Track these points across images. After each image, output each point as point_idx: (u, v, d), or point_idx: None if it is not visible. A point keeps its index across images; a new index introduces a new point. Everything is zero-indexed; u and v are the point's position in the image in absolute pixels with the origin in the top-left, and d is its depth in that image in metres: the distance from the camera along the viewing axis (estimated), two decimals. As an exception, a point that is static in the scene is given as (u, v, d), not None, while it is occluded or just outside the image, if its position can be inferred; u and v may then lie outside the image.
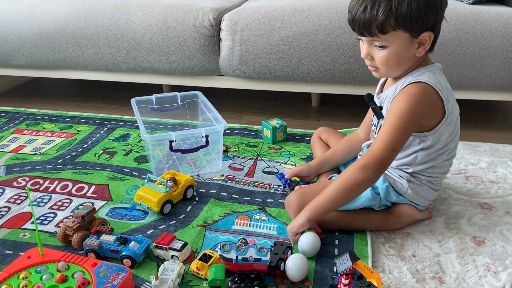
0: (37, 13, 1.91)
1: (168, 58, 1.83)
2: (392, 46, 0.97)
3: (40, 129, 1.76)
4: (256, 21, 1.70)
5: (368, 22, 0.94)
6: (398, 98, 1.01)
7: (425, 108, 1.00)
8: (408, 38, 0.96)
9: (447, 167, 1.12)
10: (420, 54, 0.99)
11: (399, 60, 0.99)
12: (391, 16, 0.92)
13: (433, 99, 1.00)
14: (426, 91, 0.99)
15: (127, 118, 1.86)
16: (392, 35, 0.95)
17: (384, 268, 0.99)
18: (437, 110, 1.02)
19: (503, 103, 2.04)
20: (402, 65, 1.01)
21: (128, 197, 1.28)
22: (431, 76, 1.00)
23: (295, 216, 1.10)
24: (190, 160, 1.49)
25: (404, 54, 0.98)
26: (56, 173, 1.40)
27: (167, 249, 1.00)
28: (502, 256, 1.02)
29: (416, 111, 0.98)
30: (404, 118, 0.98)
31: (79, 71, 2.00)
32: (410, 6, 0.91)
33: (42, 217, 1.19)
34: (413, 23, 0.93)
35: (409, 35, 0.95)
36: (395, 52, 0.97)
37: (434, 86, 0.99)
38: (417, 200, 1.11)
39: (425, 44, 0.97)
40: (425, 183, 1.10)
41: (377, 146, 0.99)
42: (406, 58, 1.00)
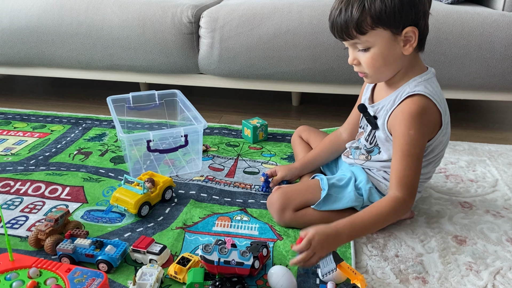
0: (8, 7, 1.84)
1: (146, 56, 1.78)
2: (375, 46, 0.94)
3: (11, 128, 1.69)
4: (236, 18, 1.68)
5: (345, 25, 0.92)
6: (404, 123, 0.96)
7: (429, 126, 0.99)
8: (390, 36, 0.93)
9: (430, 174, 1.12)
10: (407, 52, 0.95)
11: (385, 60, 0.96)
12: (366, 14, 0.90)
13: (433, 115, 0.98)
14: (424, 107, 0.96)
15: (103, 117, 1.81)
16: (372, 35, 0.92)
17: (367, 269, 0.98)
18: (437, 123, 1.00)
19: (481, 103, 2.07)
20: (390, 66, 0.98)
21: (104, 199, 1.23)
22: (428, 87, 0.97)
23: (278, 216, 1.09)
24: (168, 160, 1.45)
25: (390, 53, 0.95)
26: (28, 175, 1.34)
27: (145, 252, 0.97)
28: (484, 255, 1.03)
29: (423, 132, 0.98)
30: (417, 144, 0.97)
31: (52, 69, 1.94)
32: (383, 2, 0.89)
33: (12, 220, 1.13)
34: (390, 19, 0.90)
35: (390, 33, 0.92)
36: (379, 52, 0.94)
37: (433, 99, 0.97)
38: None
39: (411, 40, 0.93)
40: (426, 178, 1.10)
41: (406, 180, 0.96)
42: (393, 58, 0.96)
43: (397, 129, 0.99)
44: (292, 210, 1.09)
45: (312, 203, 1.09)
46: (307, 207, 1.10)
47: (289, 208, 1.09)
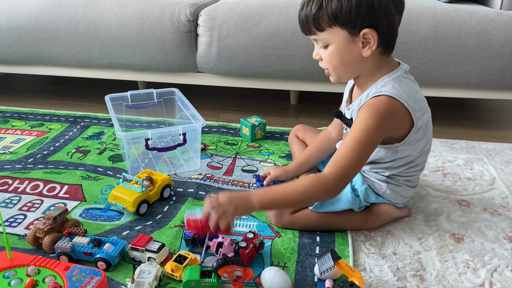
0: (5, 6, 1.83)
1: (144, 54, 1.78)
2: (332, 44, 0.95)
3: (9, 127, 1.69)
4: (234, 16, 1.68)
5: (306, 20, 0.96)
6: (365, 112, 0.96)
7: (390, 124, 0.97)
8: (347, 36, 0.93)
9: (422, 164, 1.12)
10: (366, 55, 0.94)
11: (342, 60, 0.96)
12: (324, 12, 0.92)
13: (399, 113, 0.97)
14: (391, 107, 0.95)
15: (101, 115, 1.81)
16: (329, 32, 0.94)
17: (365, 266, 0.98)
18: (404, 121, 0.99)
19: (478, 101, 2.07)
20: (348, 66, 0.98)
21: (102, 197, 1.23)
22: (396, 87, 0.96)
23: (276, 219, 1.10)
24: (167, 158, 1.45)
25: (347, 53, 0.95)
26: (26, 173, 1.34)
27: (144, 250, 0.97)
28: (481, 252, 1.03)
29: (382, 128, 0.96)
30: (370, 135, 0.94)
31: (50, 67, 1.94)
32: (340, 2, 0.90)
33: (10, 219, 1.13)
34: (346, 18, 0.91)
35: (347, 33, 0.93)
36: (337, 50, 0.95)
37: (398, 98, 0.95)
38: (396, 199, 1.11)
39: (371, 43, 0.93)
40: (403, 182, 1.10)
41: (341, 162, 0.94)
42: (352, 59, 0.96)
43: (357, 118, 0.98)
44: (289, 213, 1.09)
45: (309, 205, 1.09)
46: (305, 209, 1.09)
47: (287, 211, 1.09)
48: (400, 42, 1.58)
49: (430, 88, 1.70)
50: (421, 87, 1.70)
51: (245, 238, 0.99)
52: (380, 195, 1.10)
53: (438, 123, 1.80)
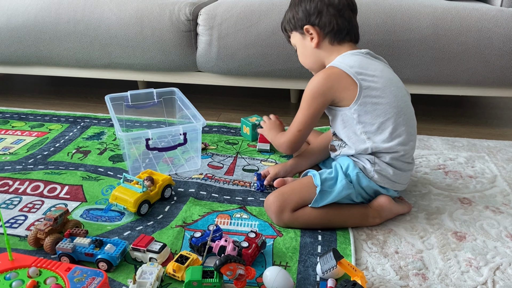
0: (5, 6, 1.83)
1: (144, 54, 1.78)
2: (296, 45, 1.22)
3: (9, 127, 1.69)
4: (234, 15, 1.67)
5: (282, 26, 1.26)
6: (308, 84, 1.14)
7: (326, 87, 1.10)
8: (299, 35, 1.19)
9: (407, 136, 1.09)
10: (315, 45, 1.15)
11: (304, 54, 1.21)
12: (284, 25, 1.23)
13: (337, 74, 1.09)
14: (327, 73, 1.10)
15: (101, 115, 1.80)
16: (292, 36, 1.22)
17: (367, 265, 0.98)
18: (346, 83, 1.08)
19: (479, 99, 2.07)
20: (309, 58, 1.20)
21: (103, 197, 1.23)
22: (337, 59, 1.12)
23: (277, 218, 1.10)
24: (167, 158, 1.45)
25: (304, 48, 1.20)
26: (26, 174, 1.34)
27: (145, 251, 0.96)
28: (483, 251, 1.03)
29: (318, 92, 1.11)
30: (307, 101, 1.13)
31: (50, 67, 1.93)
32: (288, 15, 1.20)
33: (11, 220, 1.13)
34: (292, 24, 1.19)
35: (298, 33, 1.19)
36: (299, 49, 1.22)
37: (336, 65, 1.09)
38: (385, 184, 1.10)
39: (314, 36, 1.15)
40: (390, 162, 1.09)
41: (289, 129, 1.20)
42: (308, 51, 1.19)
43: None
44: (290, 211, 1.09)
45: (309, 201, 1.09)
46: (305, 207, 1.09)
47: (287, 209, 1.09)
48: (400, 40, 1.59)
49: (431, 86, 1.69)
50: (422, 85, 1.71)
51: (247, 238, 0.99)
52: (370, 179, 1.10)
53: (439, 121, 1.80)
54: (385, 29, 1.59)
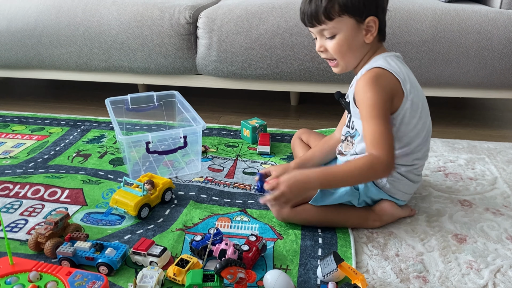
0: (5, 10, 1.83)
1: (144, 57, 1.78)
2: (340, 33, 1.02)
3: (9, 131, 1.69)
4: (233, 18, 1.67)
5: (315, 12, 1.01)
6: (360, 88, 1.03)
7: (386, 89, 1.02)
8: (354, 24, 1.01)
9: (424, 152, 1.11)
10: (369, 40, 1.03)
11: (350, 46, 1.03)
12: (335, 2, 0.99)
13: (389, 80, 1.02)
14: (381, 74, 1.02)
15: (101, 119, 1.80)
16: (338, 21, 1.00)
17: (368, 268, 0.98)
18: (397, 91, 1.03)
19: (479, 100, 2.07)
20: (354, 52, 1.05)
21: (103, 201, 1.23)
22: (383, 62, 1.04)
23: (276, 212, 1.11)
24: (167, 161, 1.45)
25: (354, 40, 1.03)
26: (27, 178, 1.34)
27: (146, 255, 0.96)
28: (484, 253, 1.03)
29: (383, 95, 1.01)
30: (379, 106, 1.00)
31: (50, 71, 1.94)
32: None
33: (12, 224, 1.13)
34: (355, 7, 0.99)
35: (354, 21, 1.01)
36: (344, 38, 1.02)
37: (387, 68, 1.02)
38: (396, 195, 1.11)
39: (372, 30, 1.02)
40: (405, 173, 1.09)
41: (378, 140, 0.99)
42: (356, 45, 1.04)
43: (358, 98, 1.04)
44: (290, 206, 1.10)
45: (309, 199, 1.09)
46: (305, 203, 1.10)
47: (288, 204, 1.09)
48: (400, 42, 1.59)
49: (431, 88, 1.69)
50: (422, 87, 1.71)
51: (248, 241, 0.99)
52: (380, 188, 1.10)
53: (439, 123, 1.80)
54: (385, 31, 1.59)
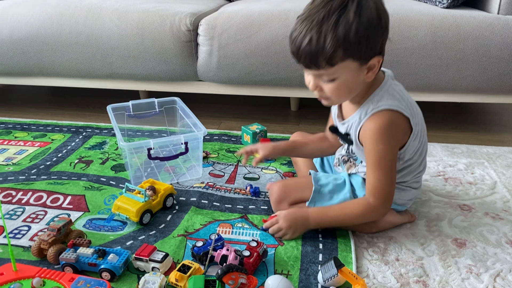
0: (7, 18, 1.85)
1: (145, 64, 1.79)
2: (341, 77, 0.93)
3: (12, 138, 1.70)
4: (234, 25, 1.69)
5: (315, 55, 0.89)
6: (372, 137, 0.99)
7: (399, 138, 1.01)
8: (357, 66, 0.92)
9: (424, 163, 1.12)
10: (369, 79, 0.96)
11: (349, 88, 0.97)
12: (339, 47, 0.87)
13: (401, 124, 0.99)
14: (394, 121, 0.98)
15: (103, 125, 1.82)
16: (340, 67, 0.91)
17: (368, 273, 0.99)
18: (406, 130, 1.01)
19: (478, 105, 2.08)
20: (353, 92, 0.99)
21: (105, 207, 1.24)
22: (391, 99, 0.99)
23: (274, 207, 1.14)
24: (169, 167, 1.46)
25: (354, 82, 0.96)
26: (29, 184, 1.35)
27: (148, 260, 0.97)
28: (484, 257, 1.03)
29: (395, 145, 1.01)
30: (388, 157, 1.00)
31: (52, 78, 1.95)
32: (357, 34, 0.86)
33: (15, 230, 1.14)
34: (362, 51, 0.90)
35: (357, 64, 0.92)
36: (344, 82, 0.94)
37: (398, 109, 0.98)
38: (398, 201, 1.12)
39: (374, 68, 0.94)
40: (410, 184, 1.11)
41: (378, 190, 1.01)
42: (356, 85, 0.97)
43: (367, 144, 1.01)
44: (288, 204, 1.12)
45: (307, 199, 1.11)
46: (303, 203, 1.11)
47: (286, 201, 1.12)
48: (399, 48, 1.61)
49: (430, 93, 1.71)
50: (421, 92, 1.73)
51: (249, 247, 1.00)
52: None
53: (438, 128, 1.81)
54: (384, 37, 1.61)
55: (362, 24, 0.86)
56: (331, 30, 0.86)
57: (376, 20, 0.88)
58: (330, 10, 0.87)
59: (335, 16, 0.86)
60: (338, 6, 0.86)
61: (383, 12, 0.91)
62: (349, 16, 0.86)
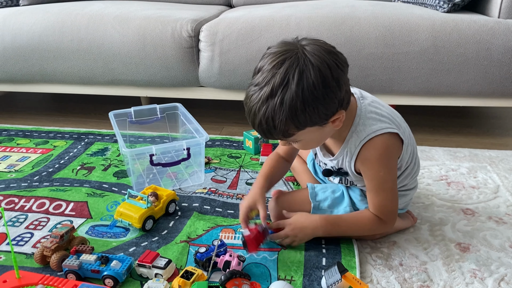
0: (9, 26, 1.86)
1: (146, 70, 1.80)
2: (305, 138, 0.93)
3: (14, 145, 1.70)
4: (235, 31, 1.70)
5: (270, 133, 0.89)
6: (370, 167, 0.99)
7: (396, 157, 1.01)
8: (317, 128, 0.90)
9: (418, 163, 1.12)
10: (338, 127, 0.93)
11: (318, 141, 0.99)
12: (290, 124, 0.86)
13: (394, 143, 0.99)
14: (388, 145, 0.97)
15: (105, 131, 1.82)
16: (299, 134, 0.90)
17: (372, 278, 0.98)
18: (399, 145, 1.00)
19: (480, 109, 2.08)
20: (324, 140, 1.01)
21: (108, 213, 1.24)
22: (374, 123, 0.97)
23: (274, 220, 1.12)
24: (171, 173, 1.46)
25: (321, 136, 0.96)
26: (32, 191, 1.35)
27: (151, 267, 0.97)
28: (487, 262, 1.03)
29: (394, 166, 1.01)
30: (390, 179, 1.00)
31: (54, 85, 1.96)
32: (304, 109, 0.84)
33: (18, 237, 1.14)
34: (315, 119, 0.87)
35: (317, 126, 0.90)
36: (310, 140, 0.95)
37: (386, 130, 0.96)
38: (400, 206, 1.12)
39: (340, 117, 0.91)
40: (407, 188, 1.11)
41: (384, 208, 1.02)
42: (326, 136, 0.98)
43: (367, 174, 1.01)
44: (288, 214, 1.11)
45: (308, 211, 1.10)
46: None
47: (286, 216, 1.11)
48: (400, 53, 1.61)
49: (431, 97, 1.71)
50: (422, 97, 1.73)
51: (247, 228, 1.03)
52: None
53: (440, 132, 1.81)
54: (385, 42, 1.61)
55: (306, 98, 0.83)
56: (278, 110, 0.84)
57: (322, 85, 0.84)
58: (273, 88, 0.83)
59: (280, 95, 0.83)
60: (280, 84, 0.83)
61: (331, 72, 0.85)
62: (291, 93, 0.83)
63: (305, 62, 0.83)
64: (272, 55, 0.86)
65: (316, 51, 0.85)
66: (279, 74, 0.83)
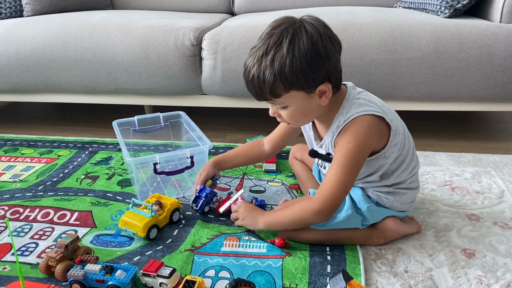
0: (13, 36, 1.87)
1: (149, 79, 1.81)
2: (292, 105, 0.98)
3: (18, 155, 1.71)
4: (237, 39, 1.70)
5: (260, 89, 0.95)
6: (344, 137, 0.99)
7: (372, 140, 1.00)
8: (304, 95, 0.96)
9: (416, 157, 1.12)
10: (324, 103, 0.98)
11: (304, 114, 1.01)
12: (278, 81, 0.92)
13: (376, 125, 1.00)
14: (369, 124, 0.98)
15: (109, 140, 1.83)
16: (287, 97, 0.96)
17: (377, 285, 0.98)
18: (384, 130, 1.01)
19: (483, 113, 2.08)
20: (310, 115, 1.03)
21: (112, 223, 1.24)
22: (359, 106, 1.00)
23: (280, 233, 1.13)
24: (175, 181, 1.46)
25: (307, 107, 0.99)
26: (36, 201, 1.36)
27: (155, 276, 0.97)
28: (493, 267, 1.02)
29: (363, 148, 0.99)
30: (354, 158, 0.98)
31: (58, 94, 1.97)
32: (292, 68, 0.91)
33: (22, 248, 1.14)
34: (302, 82, 0.93)
35: (304, 93, 0.95)
36: (297, 109, 0.99)
37: (370, 112, 0.99)
38: (404, 207, 1.12)
39: (326, 93, 0.96)
40: (409, 185, 1.11)
41: (330, 191, 0.99)
42: (311, 110, 1.00)
43: (337, 145, 1.02)
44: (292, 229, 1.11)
45: None
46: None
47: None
48: (402, 58, 1.61)
49: (434, 102, 1.71)
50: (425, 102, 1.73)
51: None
52: (388, 207, 1.11)
53: (444, 137, 1.80)
54: (387, 48, 1.61)
55: (296, 58, 0.90)
56: (269, 66, 0.92)
57: (311, 52, 0.91)
58: (268, 47, 0.92)
59: (272, 53, 0.92)
60: (274, 44, 0.92)
61: (323, 41, 0.92)
62: (282, 52, 0.91)
63: (300, 28, 0.92)
64: (272, 23, 0.96)
65: (314, 22, 0.94)
66: (274, 35, 0.93)
